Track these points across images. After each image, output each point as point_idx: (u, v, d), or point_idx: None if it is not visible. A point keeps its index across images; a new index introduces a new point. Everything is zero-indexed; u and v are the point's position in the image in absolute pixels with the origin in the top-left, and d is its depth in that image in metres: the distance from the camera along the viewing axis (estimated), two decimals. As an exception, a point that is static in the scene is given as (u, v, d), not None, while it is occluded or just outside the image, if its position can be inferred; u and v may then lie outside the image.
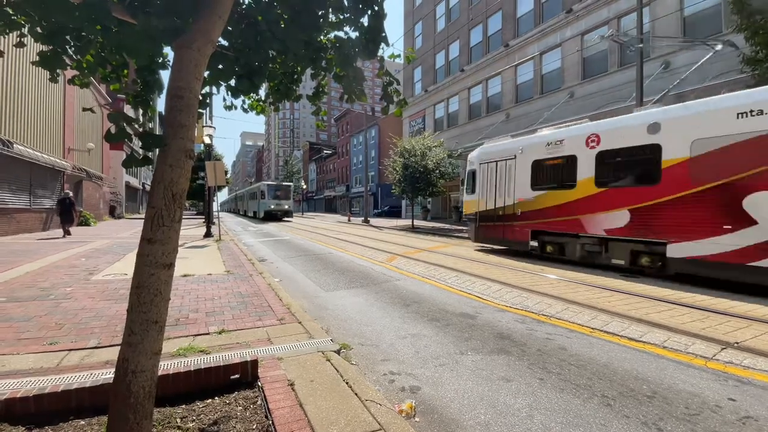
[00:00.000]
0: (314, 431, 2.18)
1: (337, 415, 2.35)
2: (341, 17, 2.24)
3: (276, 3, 2.29)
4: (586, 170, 8.55)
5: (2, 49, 2.10)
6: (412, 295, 6.05)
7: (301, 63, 2.73)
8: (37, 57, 2.01)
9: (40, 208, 16.27)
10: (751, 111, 6.08)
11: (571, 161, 8.89)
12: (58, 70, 2.16)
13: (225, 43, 2.33)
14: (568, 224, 8.89)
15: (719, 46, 9.95)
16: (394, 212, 40.13)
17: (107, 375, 2.63)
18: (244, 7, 2.39)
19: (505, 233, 10.66)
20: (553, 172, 9.38)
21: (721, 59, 13.00)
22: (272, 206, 31.60)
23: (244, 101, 3.36)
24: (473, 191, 11.93)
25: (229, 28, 2.31)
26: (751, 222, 6.00)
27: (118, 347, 1.77)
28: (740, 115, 6.16)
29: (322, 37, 2.73)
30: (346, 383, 2.77)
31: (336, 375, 2.91)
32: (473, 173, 12.00)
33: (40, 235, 14.71)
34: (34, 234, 14.91)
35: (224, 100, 3.11)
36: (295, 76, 3.04)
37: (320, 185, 71.67)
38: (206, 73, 2.45)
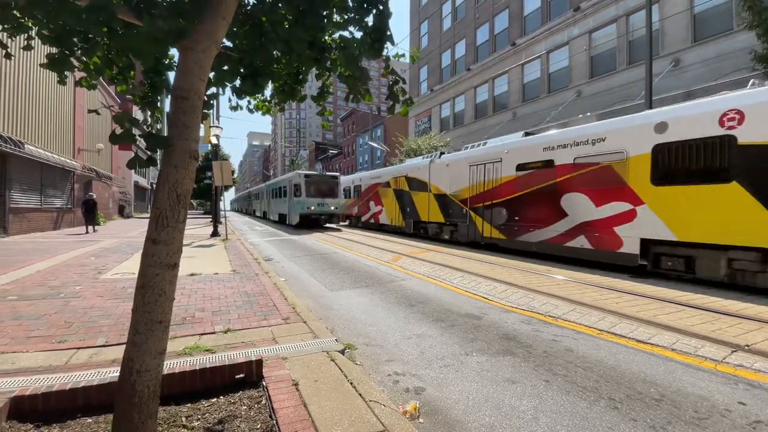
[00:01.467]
0: (318, 431, 2.18)
1: (341, 416, 2.35)
2: (346, 17, 2.24)
3: (280, 4, 2.30)
4: (362, 191, 21.76)
5: (12, 52, 2.12)
6: (418, 296, 6.03)
7: (306, 63, 2.73)
8: (46, 59, 2.04)
9: (50, 207, 16.53)
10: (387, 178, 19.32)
11: (360, 187, 22.29)
12: (66, 72, 2.19)
13: (229, 44, 2.34)
14: (363, 213, 21.79)
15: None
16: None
17: (114, 373, 2.66)
18: (248, 8, 2.39)
19: (347, 217, 24.19)
20: (357, 190, 22.64)
21: (733, 57, 12.78)
22: (313, 207, 20.58)
23: (249, 102, 3.38)
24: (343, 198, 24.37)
25: (234, 29, 2.32)
26: (381, 207, 19.63)
27: (125, 345, 1.79)
28: (351, 180, 23.84)
29: (326, 38, 2.73)
30: (350, 383, 2.77)
31: (340, 375, 2.91)
32: (343, 189, 24.01)
33: (66, 231, 14.95)
34: (47, 232, 15.16)
35: (230, 100, 3.13)
36: (300, 77, 3.04)
37: (326, 185, 71.67)
38: (211, 74, 2.46)
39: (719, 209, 6.43)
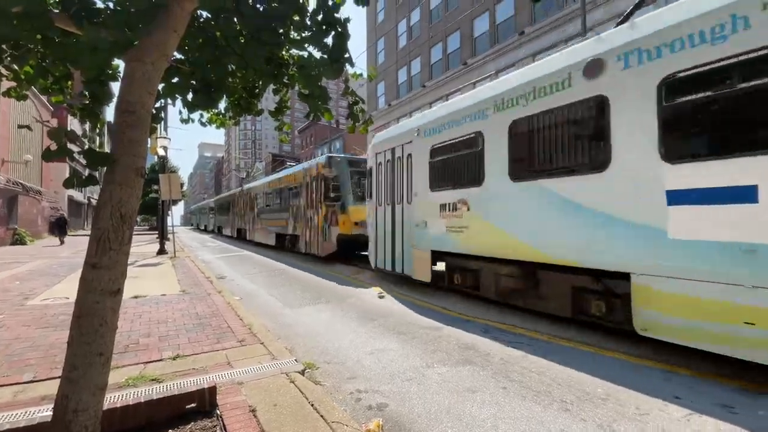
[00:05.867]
0: (278, 459, 2.08)
1: (302, 440, 2.26)
2: (304, 35, 2.25)
3: (235, 18, 2.26)
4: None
5: None
6: (379, 309, 6.02)
7: (263, 78, 2.70)
8: (-34, 66, 1.85)
9: (-35, 226, 14.64)
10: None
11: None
12: (-10, 80, 1.99)
13: (180, 56, 2.26)
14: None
15: None
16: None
17: (45, 412, 2.38)
18: (201, 20, 2.33)
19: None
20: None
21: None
22: None
23: (202, 115, 3.26)
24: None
25: (186, 42, 2.24)
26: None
27: (57, 380, 1.61)
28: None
29: (284, 54, 2.72)
30: (312, 405, 2.69)
31: (301, 397, 2.82)
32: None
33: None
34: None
35: (180, 113, 3.01)
36: (257, 91, 3.00)
37: (283, 198, 69.95)
38: (160, 86, 2.36)
39: None
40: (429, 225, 6.78)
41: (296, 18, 2.19)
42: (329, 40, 1.97)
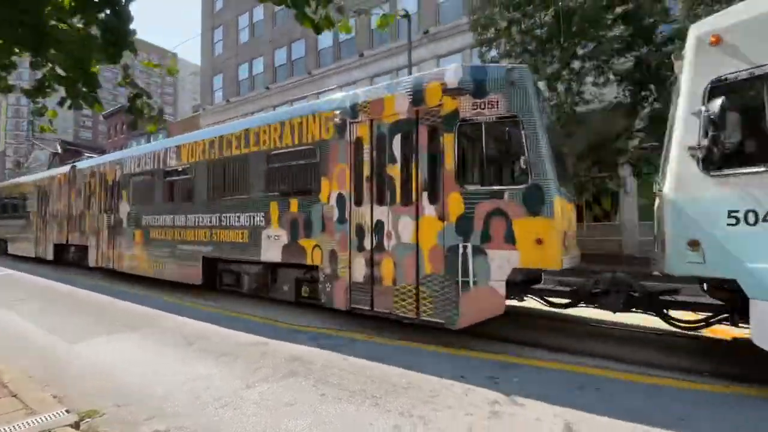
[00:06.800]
0: None
1: None
2: (72, 4, 1.81)
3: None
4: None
5: None
6: (199, 331, 5.35)
7: (11, 46, 2.05)
8: None
9: None
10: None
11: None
12: None
13: None
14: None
15: None
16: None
17: None
18: None
19: None
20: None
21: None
22: None
23: None
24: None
25: None
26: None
27: None
28: None
29: (54, 22, 2.13)
30: (81, 466, 2.14)
31: (65, 458, 2.21)
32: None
33: None
34: None
35: None
36: (5, 61, 2.25)
37: (81, 198, 55.10)
38: None
39: None
40: None
41: (62, -19, 1.74)
42: (104, 17, 1.63)
